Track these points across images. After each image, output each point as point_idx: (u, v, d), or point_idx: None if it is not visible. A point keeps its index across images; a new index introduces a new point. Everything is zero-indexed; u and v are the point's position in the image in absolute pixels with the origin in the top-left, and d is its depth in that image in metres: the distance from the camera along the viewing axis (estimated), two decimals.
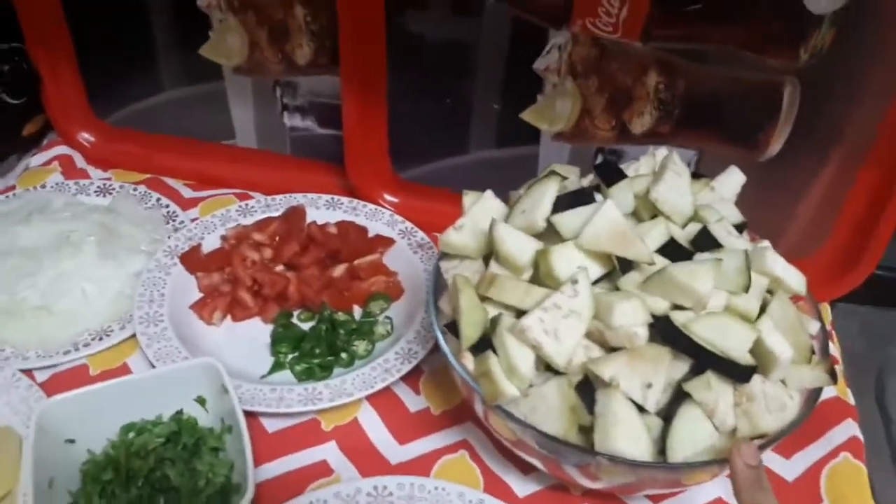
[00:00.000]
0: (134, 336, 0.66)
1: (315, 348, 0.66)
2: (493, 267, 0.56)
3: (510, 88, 0.74)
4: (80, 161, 0.86)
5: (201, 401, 0.59)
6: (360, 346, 0.67)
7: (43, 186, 0.81)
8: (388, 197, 0.82)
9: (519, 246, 0.55)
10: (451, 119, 0.77)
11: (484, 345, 0.50)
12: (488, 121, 0.76)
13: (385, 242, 0.77)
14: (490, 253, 0.59)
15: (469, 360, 0.51)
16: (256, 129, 0.84)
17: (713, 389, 0.47)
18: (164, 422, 0.58)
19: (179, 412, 0.59)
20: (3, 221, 0.74)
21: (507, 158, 0.78)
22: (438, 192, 0.82)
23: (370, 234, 0.78)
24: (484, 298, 0.53)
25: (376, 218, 0.80)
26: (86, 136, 0.86)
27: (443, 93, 0.77)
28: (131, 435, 0.57)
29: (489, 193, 0.61)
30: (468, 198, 0.61)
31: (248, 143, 0.86)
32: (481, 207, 0.60)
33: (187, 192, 0.84)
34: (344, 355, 0.67)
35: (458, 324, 0.53)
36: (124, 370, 0.65)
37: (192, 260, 0.73)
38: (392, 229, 0.79)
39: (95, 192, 0.81)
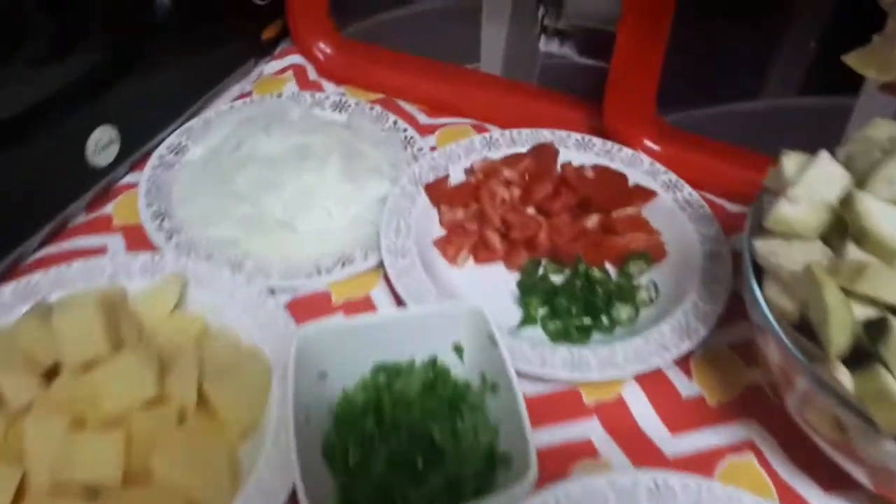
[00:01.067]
0: (378, 266, 0.61)
1: (571, 306, 0.59)
2: (852, 251, 0.44)
3: (835, 24, 0.61)
4: (312, 73, 0.82)
5: (458, 349, 0.53)
6: (623, 310, 0.59)
7: (279, 95, 0.77)
8: (648, 143, 0.71)
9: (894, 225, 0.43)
10: (746, 54, 0.65)
11: (859, 355, 0.40)
12: (796, 61, 0.63)
13: (645, 195, 0.67)
14: (831, 233, 0.47)
15: (843, 373, 0.41)
16: (506, 53, 0.75)
17: None
18: (418, 367, 0.52)
19: (434, 359, 0.53)
20: (243, 127, 0.71)
21: (807, 109, 0.66)
22: (710, 143, 0.70)
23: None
24: (846, 292, 0.42)
25: (633, 165, 0.70)
26: (322, 48, 0.81)
27: (743, 20, 0.64)
28: (383, 377, 0.52)
29: (825, 156, 0.49)
30: (790, 161, 0.50)
31: (492, 68, 0.77)
32: (819, 174, 0.48)
33: (422, 118, 0.77)
34: (605, 319, 0.58)
35: (816, 325, 0.42)
36: (367, 303, 0.60)
37: (438, 191, 0.66)
38: (653, 180, 0.68)
39: (331, 106, 0.76)
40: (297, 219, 0.63)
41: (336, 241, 0.63)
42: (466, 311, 0.52)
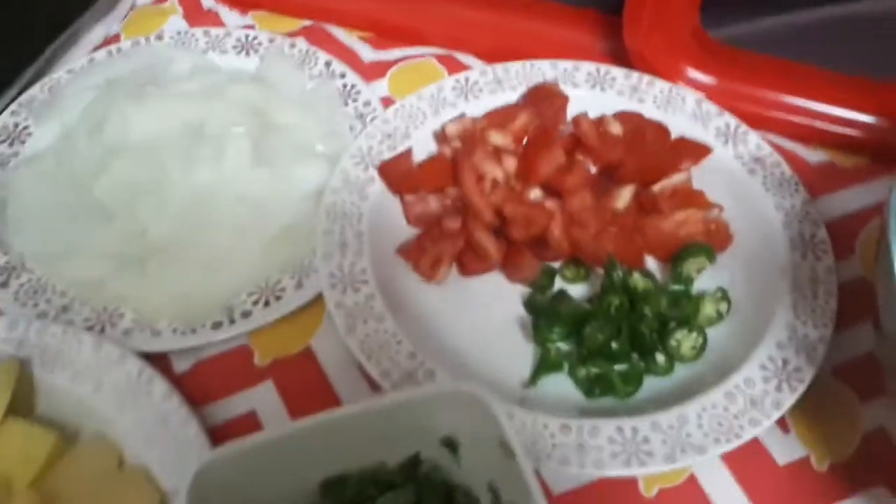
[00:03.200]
0: (318, 297, 0.41)
1: (610, 341, 0.40)
2: None
3: None
4: None
5: (450, 445, 0.34)
6: (686, 340, 0.40)
7: (159, 38, 0.54)
8: (692, 72, 0.50)
9: None
10: None
11: None
12: None
13: (694, 152, 0.47)
14: None
15: None
16: None
17: None
18: (394, 476, 0.34)
19: (415, 459, 0.35)
20: (107, 94, 0.48)
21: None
22: (779, 64, 0.50)
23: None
24: None
25: (672, 107, 0.49)
26: None
27: None
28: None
29: None
30: None
31: None
32: None
33: (366, 52, 0.55)
34: (660, 358, 0.40)
35: None
36: (307, 360, 0.40)
37: (398, 173, 0.45)
38: (703, 128, 0.48)
39: (234, 47, 0.53)
40: (190, 239, 0.42)
41: (253, 265, 0.42)
42: (457, 397, 0.33)
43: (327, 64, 0.52)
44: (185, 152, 0.44)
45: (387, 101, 0.52)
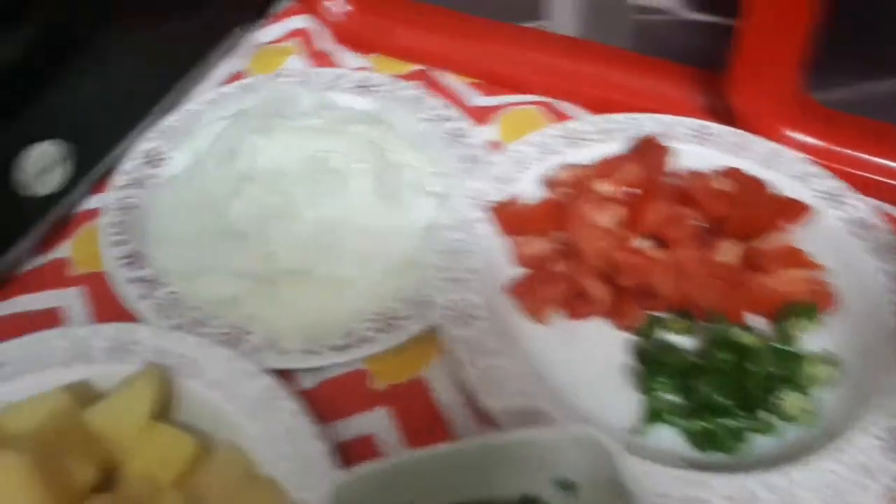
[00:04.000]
0: (430, 331, 0.43)
1: (718, 394, 0.41)
2: None
3: None
4: (324, 39, 0.62)
5: (565, 486, 0.36)
6: (792, 400, 0.41)
7: (280, 75, 0.57)
8: (794, 134, 0.52)
9: None
10: None
11: None
12: None
13: (796, 211, 0.48)
14: None
15: None
16: (584, 7, 0.55)
17: None
18: None
19: (530, 499, 0.36)
20: (236, 126, 0.52)
21: None
22: (884, 128, 0.51)
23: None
24: None
25: (773, 166, 0.50)
26: (336, 4, 0.61)
27: None
28: None
29: None
30: None
31: (566, 28, 0.57)
32: None
33: (474, 97, 0.58)
34: (764, 416, 0.41)
35: None
36: (416, 389, 0.42)
37: (507, 214, 0.48)
38: (804, 187, 0.49)
39: (352, 87, 0.57)
40: (316, 263, 0.45)
41: (371, 293, 0.45)
42: (576, 440, 0.34)
43: (441, 107, 0.55)
44: (311, 182, 0.47)
45: (493, 145, 0.54)
